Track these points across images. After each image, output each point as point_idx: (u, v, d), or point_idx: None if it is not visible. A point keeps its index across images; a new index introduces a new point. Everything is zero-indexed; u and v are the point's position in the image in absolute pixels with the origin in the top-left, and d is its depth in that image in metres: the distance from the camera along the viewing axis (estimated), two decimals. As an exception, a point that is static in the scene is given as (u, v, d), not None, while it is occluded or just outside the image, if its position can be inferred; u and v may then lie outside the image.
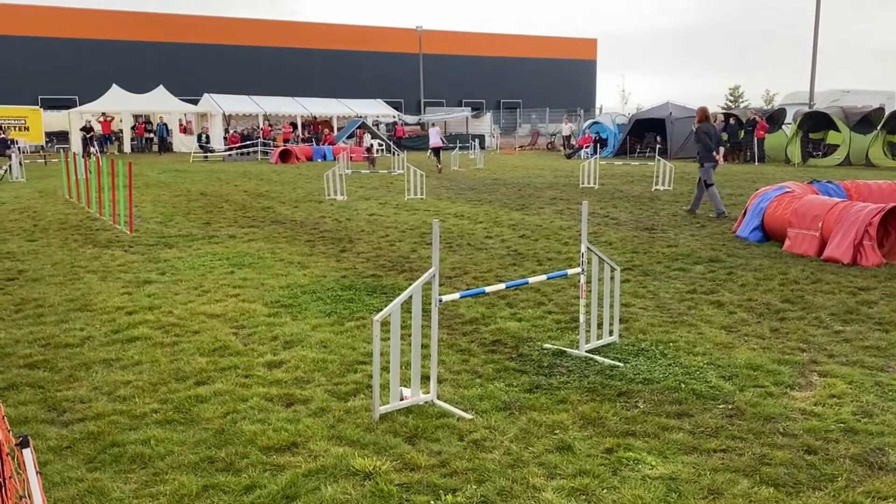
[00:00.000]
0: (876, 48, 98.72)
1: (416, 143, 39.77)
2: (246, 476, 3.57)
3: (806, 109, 30.26)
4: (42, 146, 35.16)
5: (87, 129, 34.75)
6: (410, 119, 46.09)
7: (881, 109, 27.42)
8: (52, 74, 44.40)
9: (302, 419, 4.21)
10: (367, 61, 53.44)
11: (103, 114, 37.35)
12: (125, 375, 4.96)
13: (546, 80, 58.63)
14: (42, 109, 38.41)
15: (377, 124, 41.82)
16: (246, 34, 50.71)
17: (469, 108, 49.28)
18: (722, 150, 13.27)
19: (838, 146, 26.99)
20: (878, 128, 26.03)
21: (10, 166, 21.43)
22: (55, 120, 38.20)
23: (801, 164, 26.54)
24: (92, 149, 30.99)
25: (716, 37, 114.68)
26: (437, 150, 25.46)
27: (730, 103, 61.96)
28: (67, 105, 39.84)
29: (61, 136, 37.35)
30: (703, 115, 13.34)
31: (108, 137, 37.32)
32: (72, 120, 36.36)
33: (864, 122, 26.55)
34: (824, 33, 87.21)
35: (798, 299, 6.88)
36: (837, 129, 27.05)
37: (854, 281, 7.55)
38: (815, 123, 27.95)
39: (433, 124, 35.29)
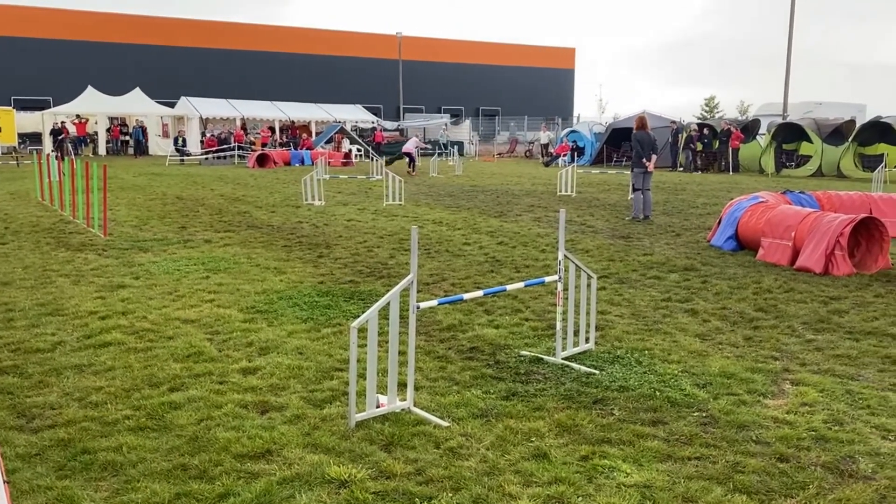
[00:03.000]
0: (847, 62, 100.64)
1: (395, 148, 39.71)
2: (220, 484, 3.53)
3: (779, 121, 30.70)
4: (14, 147, 34.59)
5: (56, 132, 34.21)
6: (389, 125, 46.05)
7: (852, 122, 27.89)
8: (26, 75, 43.72)
9: (277, 426, 4.18)
10: (346, 66, 53.32)
11: (78, 115, 36.88)
12: (97, 381, 4.89)
13: (525, 88, 58.90)
14: (15, 110, 37.78)
15: (355, 131, 41.70)
16: (224, 38, 50.37)
17: (448, 115, 49.35)
18: (654, 157, 13.47)
19: (811, 157, 27.41)
20: (850, 140, 26.47)
21: (-19, 167, 21.07)
22: (28, 121, 37.60)
23: (774, 174, 26.90)
24: (72, 151, 30.58)
25: (692, 48, 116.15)
26: (409, 156, 27.88)
27: (705, 113, 62.67)
28: (41, 106, 39.26)
29: (34, 138, 36.80)
30: (640, 123, 13.69)
31: (83, 140, 36.84)
32: (45, 121, 35.85)
33: (836, 133, 26.99)
34: (798, 47, 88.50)
35: (771, 308, 6.97)
36: (810, 141, 27.47)
37: (826, 290, 7.66)
38: (789, 134, 28.37)
39: (416, 135, 37.71)
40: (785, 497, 3.46)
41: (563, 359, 5.35)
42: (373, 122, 45.03)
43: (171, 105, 40.21)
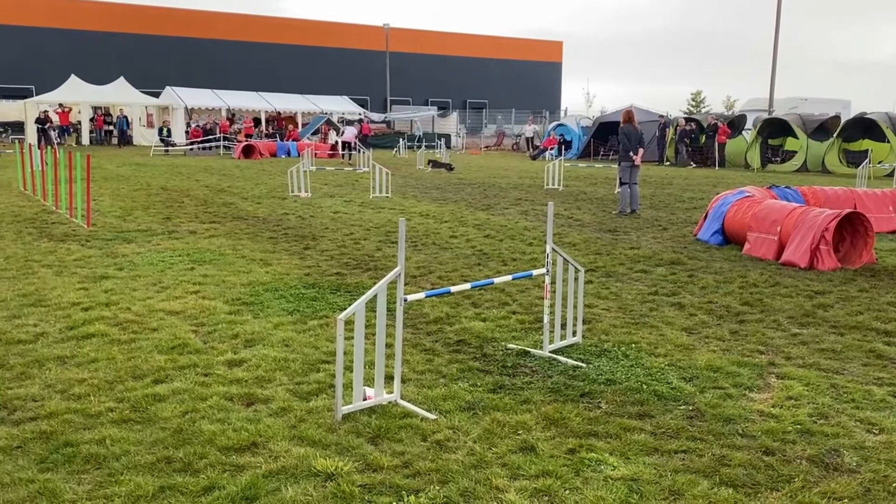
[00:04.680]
0: (833, 59, 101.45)
1: (382, 140, 39.64)
2: (204, 477, 3.50)
3: (765, 116, 30.86)
4: (-4, 136, 34.23)
5: (42, 121, 33.80)
6: (376, 117, 45.89)
7: (837, 118, 28.09)
8: (8, 63, 43.13)
9: (263, 419, 4.15)
10: (333, 58, 53.02)
11: (60, 104, 36.44)
12: (80, 373, 4.83)
13: (512, 81, 58.85)
14: (-4, 99, 37.37)
15: (342, 120, 41.49)
16: (210, 27, 49.93)
17: (436, 108, 49.24)
18: (641, 151, 13.47)
19: (796, 153, 27.59)
20: (834, 136, 26.66)
21: (-39, 156, 20.80)
22: (10, 110, 37.14)
23: (760, 169, 27.05)
24: (59, 139, 30.20)
25: (679, 43, 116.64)
26: (349, 146, 28.32)
27: (692, 108, 62.91)
28: (23, 95, 38.76)
29: (16, 127, 36.34)
30: (627, 117, 13.65)
31: (66, 129, 36.41)
32: (28, 110, 35.37)
33: (821, 129, 27.17)
34: (784, 43, 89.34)
35: (757, 302, 7.00)
36: (795, 136, 27.65)
37: (811, 285, 7.71)
38: (774, 130, 28.53)
39: (350, 122, 37.17)
40: (771, 490, 3.47)
41: (550, 352, 5.34)
42: (360, 114, 44.81)
43: (156, 95, 39.82)
